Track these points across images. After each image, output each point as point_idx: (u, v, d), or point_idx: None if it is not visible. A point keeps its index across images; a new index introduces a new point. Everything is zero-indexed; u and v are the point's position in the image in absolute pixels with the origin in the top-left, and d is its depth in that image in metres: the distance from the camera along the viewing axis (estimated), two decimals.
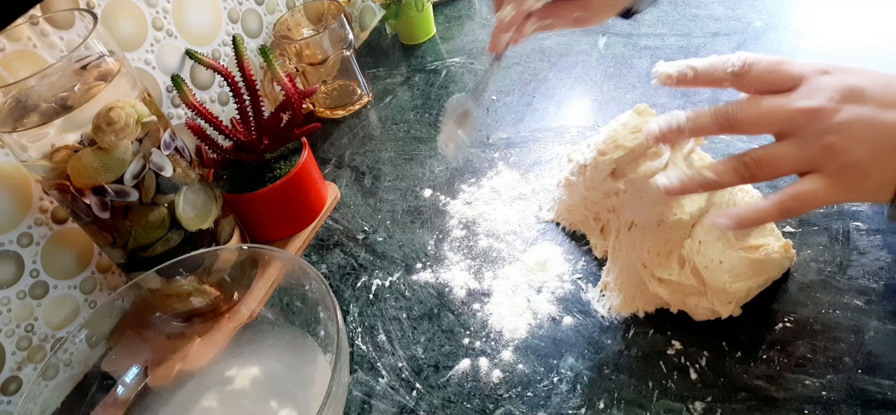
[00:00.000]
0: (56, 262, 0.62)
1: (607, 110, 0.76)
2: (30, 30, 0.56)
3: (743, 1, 0.87)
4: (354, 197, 0.76)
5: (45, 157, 0.51)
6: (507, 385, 0.51)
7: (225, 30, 0.81)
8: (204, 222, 0.60)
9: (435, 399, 0.51)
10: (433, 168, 0.76)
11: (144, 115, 0.54)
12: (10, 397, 0.60)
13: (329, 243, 0.70)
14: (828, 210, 0.56)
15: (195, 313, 0.60)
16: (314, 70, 0.86)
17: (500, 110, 0.82)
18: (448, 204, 0.70)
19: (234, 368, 0.56)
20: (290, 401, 0.52)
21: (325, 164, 0.83)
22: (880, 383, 0.43)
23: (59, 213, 0.62)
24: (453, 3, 1.12)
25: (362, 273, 0.65)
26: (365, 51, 1.06)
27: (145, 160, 0.54)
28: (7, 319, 0.58)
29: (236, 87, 0.66)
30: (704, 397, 0.46)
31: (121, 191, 0.53)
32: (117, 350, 0.55)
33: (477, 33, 1.01)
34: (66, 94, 0.51)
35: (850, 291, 0.49)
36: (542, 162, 0.72)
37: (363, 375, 0.55)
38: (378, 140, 0.84)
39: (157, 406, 0.54)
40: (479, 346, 0.55)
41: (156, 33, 0.71)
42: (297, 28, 0.89)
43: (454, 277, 0.61)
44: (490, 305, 0.58)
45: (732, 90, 0.46)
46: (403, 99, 0.91)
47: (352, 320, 0.60)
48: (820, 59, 0.39)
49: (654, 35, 0.86)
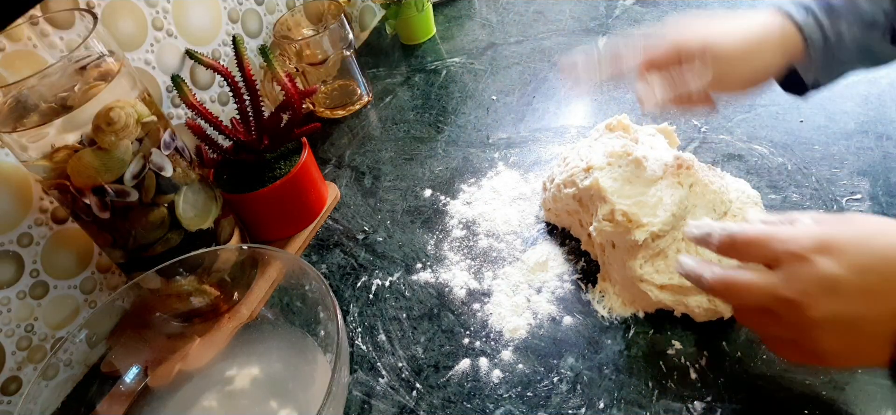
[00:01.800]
0: (56, 262, 0.62)
1: (607, 110, 0.76)
2: (30, 30, 0.56)
3: (743, 1, 0.87)
4: (354, 197, 0.76)
5: (45, 157, 0.51)
6: (507, 385, 0.51)
7: (225, 30, 0.81)
8: (204, 222, 0.60)
9: (435, 399, 0.51)
10: (433, 168, 0.76)
11: (144, 115, 0.54)
12: (10, 397, 0.60)
13: (329, 243, 0.70)
14: (828, 210, 0.56)
15: (195, 313, 0.60)
16: (314, 70, 0.86)
17: (500, 110, 0.82)
18: (448, 204, 0.70)
19: (234, 368, 0.56)
20: (290, 401, 0.52)
21: (325, 164, 0.83)
22: (880, 384, 0.43)
23: (59, 213, 0.62)
24: (453, 3, 1.12)
25: (362, 273, 0.65)
26: (365, 51, 1.06)
27: (145, 160, 0.54)
28: (7, 319, 0.58)
29: (236, 87, 0.66)
30: (704, 397, 0.46)
31: (121, 191, 0.53)
32: (117, 350, 0.55)
33: (477, 33, 1.01)
34: (66, 94, 0.51)
35: None
36: (542, 162, 0.72)
37: (363, 375, 0.55)
38: (378, 140, 0.84)
39: (157, 406, 0.54)
40: (479, 346, 0.55)
41: (156, 33, 0.71)
42: (297, 28, 0.89)
43: (454, 277, 0.61)
44: (490, 306, 0.58)
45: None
46: (403, 99, 0.91)
47: (352, 320, 0.60)
48: None
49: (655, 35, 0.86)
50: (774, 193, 0.59)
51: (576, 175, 0.57)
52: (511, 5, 1.07)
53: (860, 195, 0.56)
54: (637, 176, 0.53)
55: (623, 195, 0.52)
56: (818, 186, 0.58)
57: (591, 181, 0.54)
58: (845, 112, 0.64)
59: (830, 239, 0.36)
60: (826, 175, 0.59)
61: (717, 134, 0.67)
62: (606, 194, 0.53)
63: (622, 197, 0.52)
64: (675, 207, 0.51)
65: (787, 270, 0.36)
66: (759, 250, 0.38)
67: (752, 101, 0.70)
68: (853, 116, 0.64)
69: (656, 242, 0.51)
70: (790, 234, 0.37)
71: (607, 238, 0.54)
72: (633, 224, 0.50)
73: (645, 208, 0.51)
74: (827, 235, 0.36)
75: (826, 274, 0.35)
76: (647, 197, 0.52)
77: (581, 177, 0.56)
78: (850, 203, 0.56)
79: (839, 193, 0.57)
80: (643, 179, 0.53)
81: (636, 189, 0.52)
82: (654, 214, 0.51)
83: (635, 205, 0.51)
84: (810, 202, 0.57)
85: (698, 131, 0.68)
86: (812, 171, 0.60)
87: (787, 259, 0.37)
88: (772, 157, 0.63)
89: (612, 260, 0.55)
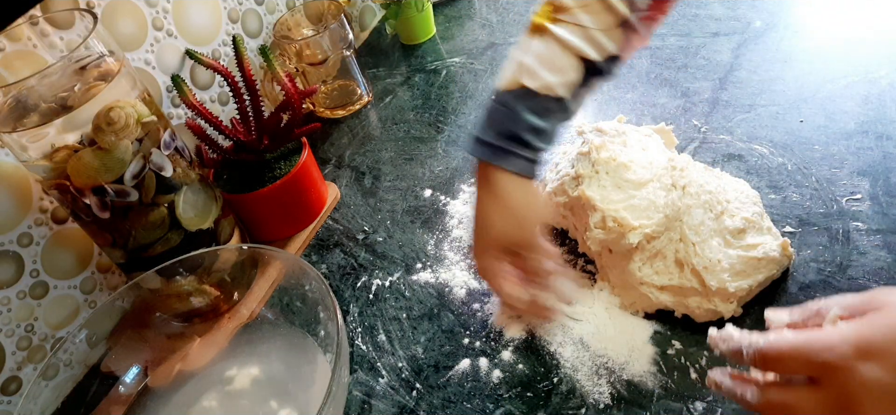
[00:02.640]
0: (56, 262, 0.62)
1: (607, 110, 0.76)
2: (30, 30, 0.56)
3: (743, 1, 0.87)
4: (354, 197, 0.76)
5: (45, 157, 0.51)
6: (507, 385, 0.51)
7: (225, 30, 0.81)
8: (204, 222, 0.60)
9: (435, 399, 0.51)
10: (433, 168, 0.76)
11: (144, 115, 0.54)
12: (10, 397, 0.60)
13: (329, 243, 0.70)
14: (828, 210, 0.56)
15: (195, 313, 0.60)
16: (314, 70, 0.86)
17: None
18: (448, 204, 0.70)
19: (234, 368, 0.56)
20: (290, 401, 0.52)
21: (325, 164, 0.83)
22: None
23: (59, 213, 0.62)
24: (453, 3, 1.12)
25: (362, 273, 0.65)
26: (365, 51, 1.06)
27: (145, 160, 0.54)
28: (7, 319, 0.58)
29: (236, 87, 0.66)
30: (704, 397, 0.46)
31: (121, 191, 0.53)
32: (117, 350, 0.55)
33: (477, 33, 1.01)
34: (66, 94, 0.51)
35: (850, 291, 0.49)
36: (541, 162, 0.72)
37: (363, 375, 0.55)
38: (378, 140, 0.84)
39: (157, 406, 0.54)
40: (479, 346, 0.55)
41: (156, 33, 0.71)
42: (297, 28, 0.89)
43: (454, 277, 0.61)
44: (490, 306, 0.58)
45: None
46: (403, 99, 0.91)
47: (352, 320, 0.60)
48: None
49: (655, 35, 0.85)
50: (774, 193, 0.59)
51: (566, 184, 0.58)
52: (511, 5, 1.07)
53: (860, 195, 0.56)
54: (625, 180, 0.53)
55: (612, 201, 0.53)
56: (818, 186, 0.58)
57: (579, 192, 0.55)
58: (845, 112, 0.64)
59: (869, 342, 0.34)
60: (826, 175, 0.59)
61: (717, 134, 0.67)
62: (595, 203, 0.53)
63: (612, 203, 0.52)
64: (668, 209, 0.51)
65: (832, 386, 0.35)
66: (795, 364, 0.36)
67: (752, 101, 0.70)
68: (853, 116, 0.64)
69: (652, 244, 0.51)
70: (825, 342, 0.35)
71: (603, 244, 0.54)
72: (625, 228, 0.51)
73: (636, 212, 0.51)
74: (865, 338, 0.34)
75: (874, 383, 0.33)
76: (637, 200, 0.52)
77: (571, 186, 0.57)
78: (850, 203, 0.56)
79: (839, 193, 0.57)
80: (632, 183, 0.53)
81: (625, 193, 0.53)
82: (647, 215, 0.51)
83: (626, 209, 0.52)
84: (810, 202, 0.57)
85: (698, 131, 0.68)
86: (812, 171, 0.60)
87: (829, 372, 0.35)
88: (772, 157, 0.63)
89: (610, 264, 0.55)
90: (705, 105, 0.71)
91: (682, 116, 0.71)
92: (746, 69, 0.75)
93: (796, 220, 0.56)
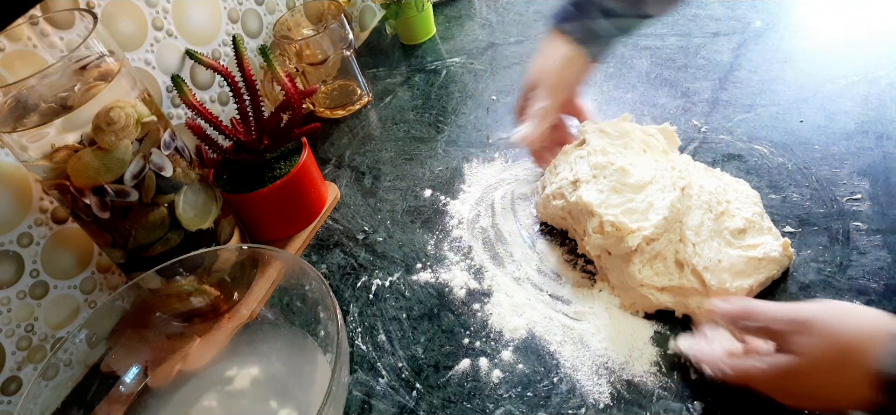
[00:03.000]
0: (56, 262, 0.62)
1: (607, 110, 0.76)
2: (30, 30, 0.56)
3: (743, 1, 0.87)
4: (354, 197, 0.76)
5: (45, 157, 0.51)
6: (507, 385, 0.51)
7: (225, 30, 0.81)
8: (204, 222, 0.60)
9: (435, 399, 0.51)
10: (433, 168, 0.76)
11: (144, 115, 0.54)
12: (10, 397, 0.60)
13: (329, 243, 0.70)
14: (828, 210, 0.56)
15: (195, 313, 0.60)
16: (314, 70, 0.86)
17: (500, 110, 0.82)
18: (448, 204, 0.70)
19: (234, 368, 0.56)
20: (290, 401, 0.52)
21: (325, 164, 0.83)
22: None
23: (59, 213, 0.62)
24: (453, 3, 1.12)
25: (362, 273, 0.65)
26: (365, 51, 1.06)
27: (145, 160, 0.54)
28: (7, 319, 0.58)
29: (236, 87, 0.66)
30: (704, 397, 0.46)
31: (121, 191, 0.53)
32: (117, 350, 0.55)
33: (477, 33, 1.01)
34: (66, 94, 0.51)
35: (850, 291, 0.49)
36: None
37: (363, 375, 0.55)
38: (378, 140, 0.84)
39: (157, 406, 0.54)
40: (479, 346, 0.55)
41: (156, 33, 0.71)
42: (297, 28, 0.89)
43: (454, 277, 0.61)
44: (490, 306, 0.58)
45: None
46: (403, 99, 0.91)
47: (352, 320, 0.60)
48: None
49: (655, 35, 0.86)
50: (774, 193, 0.59)
51: (564, 188, 0.58)
52: (511, 5, 1.07)
53: (860, 195, 0.56)
54: (624, 184, 0.53)
55: (610, 205, 0.53)
56: (818, 186, 0.58)
57: (577, 198, 0.55)
58: (845, 112, 0.64)
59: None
60: (826, 175, 0.59)
61: (718, 134, 0.67)
62: (593, 208, 0.53)
63: (610, 207, 0.52)
64: (667, 210, 0.51)
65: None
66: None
67: (752, 101, 0.70)
68: (853, 116, 0.64)
69: (651, 246, 0.51)
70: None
71: (601, 248, 0.54)
72: (623, 232, 0.51)
73: (635, 215, 0.51)
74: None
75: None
76: (636, 203, 0.52)
77: (569, 191, 0.57)
78: (850, 203, 0.56)
79: (839, 193, 0.57)
80: (630, 186, 0.53)
81: (624, 197, 0.53)
82: (646, 218, 0.51)
83: (624, 213, 0.52)
84: (810, 202, 0.57)
85: (698, 131, 0.68)
86: (812, 171, 0.60)
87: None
88: (772, 157, 0.63)
89: (610, 266, 0.55)
90: (705, 105, 0.71)
91: (682, 116, 0.71)
92: (746, 69, 0.75)
93: (796, 220, 0.56)
